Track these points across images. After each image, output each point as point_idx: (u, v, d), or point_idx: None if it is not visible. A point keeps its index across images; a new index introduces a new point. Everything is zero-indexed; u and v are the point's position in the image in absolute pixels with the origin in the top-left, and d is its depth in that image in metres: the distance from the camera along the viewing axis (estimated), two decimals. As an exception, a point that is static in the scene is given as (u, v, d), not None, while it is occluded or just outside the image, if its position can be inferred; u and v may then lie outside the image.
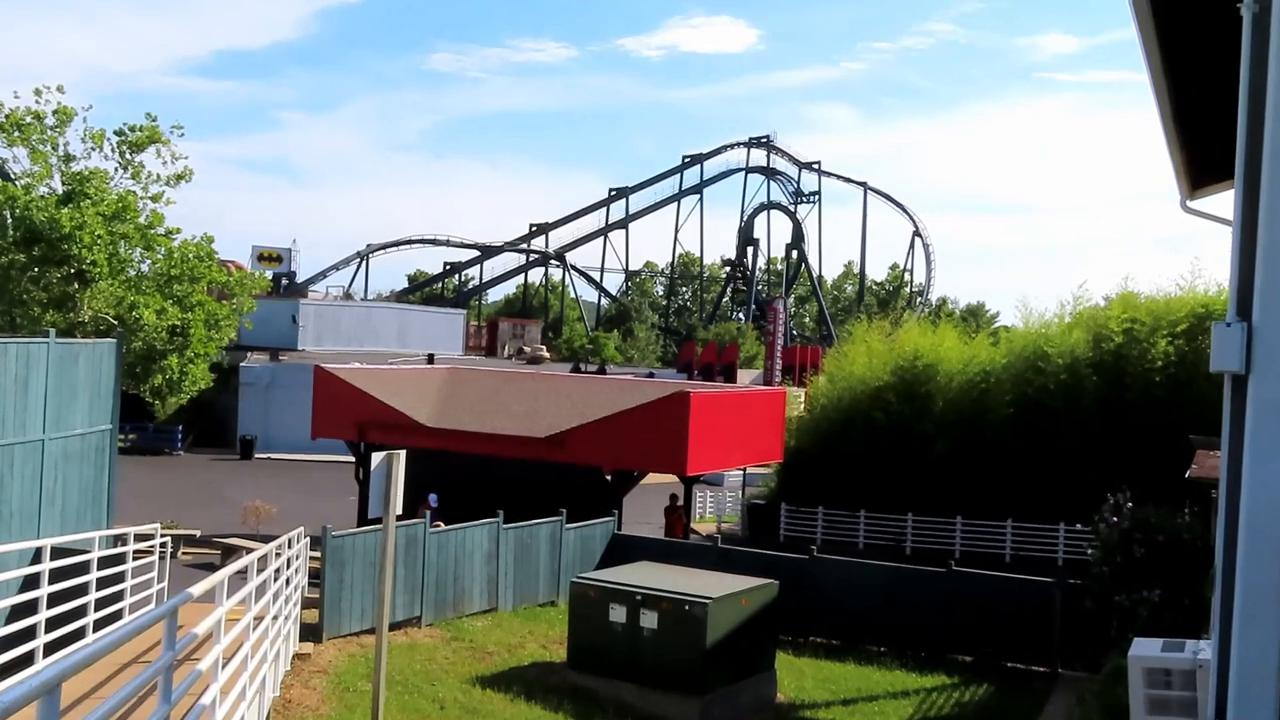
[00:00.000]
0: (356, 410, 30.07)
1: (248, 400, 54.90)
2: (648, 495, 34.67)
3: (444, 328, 76.94)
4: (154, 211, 42.68)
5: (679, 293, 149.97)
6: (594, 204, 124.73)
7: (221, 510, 34.72)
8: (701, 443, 26.58)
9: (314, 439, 32.27)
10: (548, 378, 34.36)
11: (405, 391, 31.36)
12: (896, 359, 37.22)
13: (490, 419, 29.40)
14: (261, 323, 55.57)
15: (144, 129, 42.85)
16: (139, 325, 38.95)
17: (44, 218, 37.58)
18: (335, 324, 67.91)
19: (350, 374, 31.72)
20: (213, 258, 44.52)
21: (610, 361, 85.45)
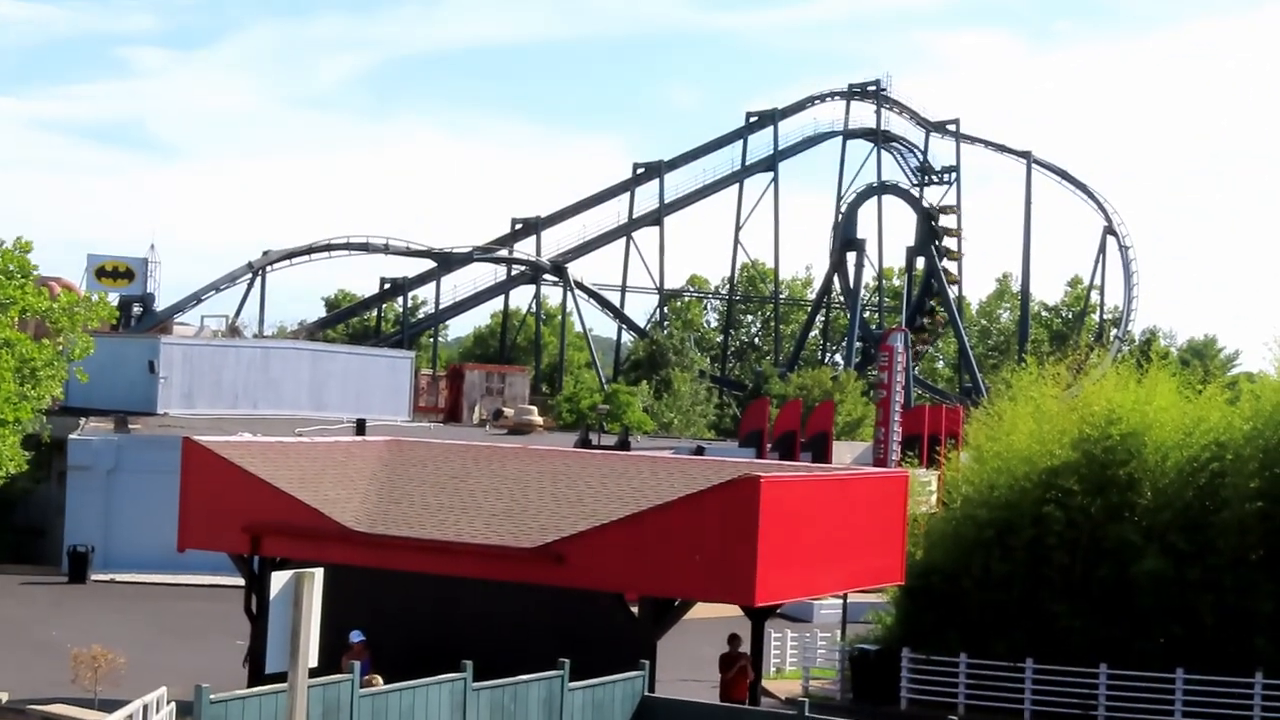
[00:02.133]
0: (247, 507, 30.21)
1: (79, 492, 55.19)
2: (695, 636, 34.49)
3: (382, 378, 77.27)
4: (-62, 205, 43.41)
5: (742, 324, 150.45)
6: (610, 188, 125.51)
7: (41, 662, 34.77)
8: (778, 557, 26.54)
9: (181, 551, 32.43)
10: (540, 456, 34.46)
11: (323, 478, 31.49)
12: (1080, 426, 37.08)
13: (452, 520, 29.48)
14: (103, 372, 55.92)
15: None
16: (-86, 378, 39.44)
17: None
18: (215, 374, 68.34)
19: (238, 451, 31.91)
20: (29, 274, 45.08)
21: (637, 430, 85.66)
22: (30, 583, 50.58)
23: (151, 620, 43.06)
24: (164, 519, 40.18)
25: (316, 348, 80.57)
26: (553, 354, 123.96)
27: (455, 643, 27.36)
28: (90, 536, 52.98)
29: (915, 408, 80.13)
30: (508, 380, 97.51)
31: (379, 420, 66.39)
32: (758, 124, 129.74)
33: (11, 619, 42.90)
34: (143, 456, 54.89)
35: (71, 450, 55.47)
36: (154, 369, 64.71)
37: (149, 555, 50.85)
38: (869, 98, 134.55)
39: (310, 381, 72.72)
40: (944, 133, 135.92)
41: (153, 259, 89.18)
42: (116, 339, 66.56)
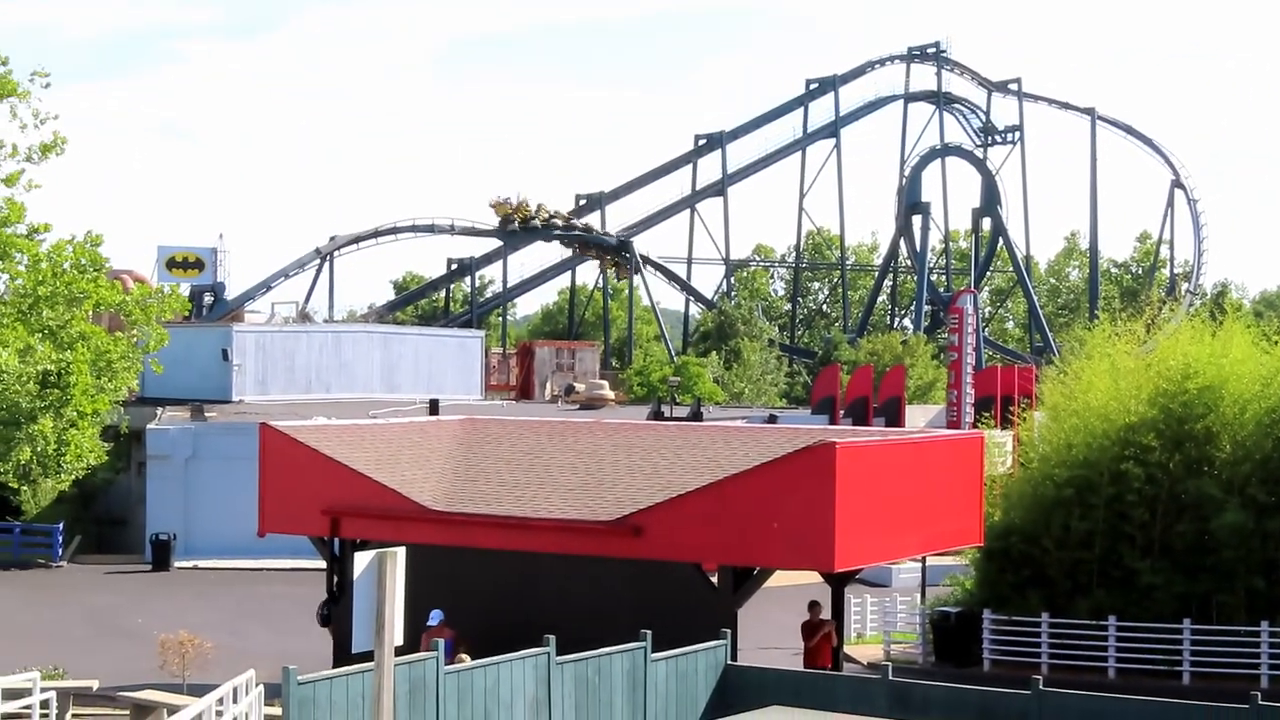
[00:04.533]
0: (326, 490, 30.36)
1: (159, 481, 55.70)
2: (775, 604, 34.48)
3: (452, 358, 77.65)
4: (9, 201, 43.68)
5: (809, 291, 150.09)
6: (673, 160, 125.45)
7: (128, 648, 35.16)
8: (855, 522, 26.45)
9: (262, 536, 32.62)
10: (614, 429, 34.44)
11: (399, 459, 31.62)
12: (1156, 381, 36.85)
13: (529, 496, 29.55)
14: (177, 363, 56.42)
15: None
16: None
17: None
18: (288, 360, 68.84)
19: (315, 435, 32.07)
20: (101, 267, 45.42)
21: (709, 401, 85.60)
22: (115, 572, 51.13)
23: (234, 605, 43.42)
24: (242, 505, 40.51)
25: (387, 330, 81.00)
26: (621, 328, 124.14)
27: (535, 618, 27.42)
28: (171, 524, 53.45)
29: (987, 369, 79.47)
30: (577, 356, 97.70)
31: (451, 400, 66.66)
32: (818, 91, 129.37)
33: (98, 607, 43.39)
34: (220, 444, 55.30)
35: (150, 440, 55.97)
36: (227, 357, 65.23)
37: (229, 541, 51.21)
38: (929, 60, 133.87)
39: (382, 364, 73.14)
40: (1006, 92, 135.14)
41: (221, 248, 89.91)
42: (189, 329, 67.09)
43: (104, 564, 52.89)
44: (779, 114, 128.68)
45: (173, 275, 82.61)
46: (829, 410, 68.98)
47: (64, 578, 49.83)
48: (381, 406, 62.88)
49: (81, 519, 55.23)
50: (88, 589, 47.19)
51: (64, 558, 52.50)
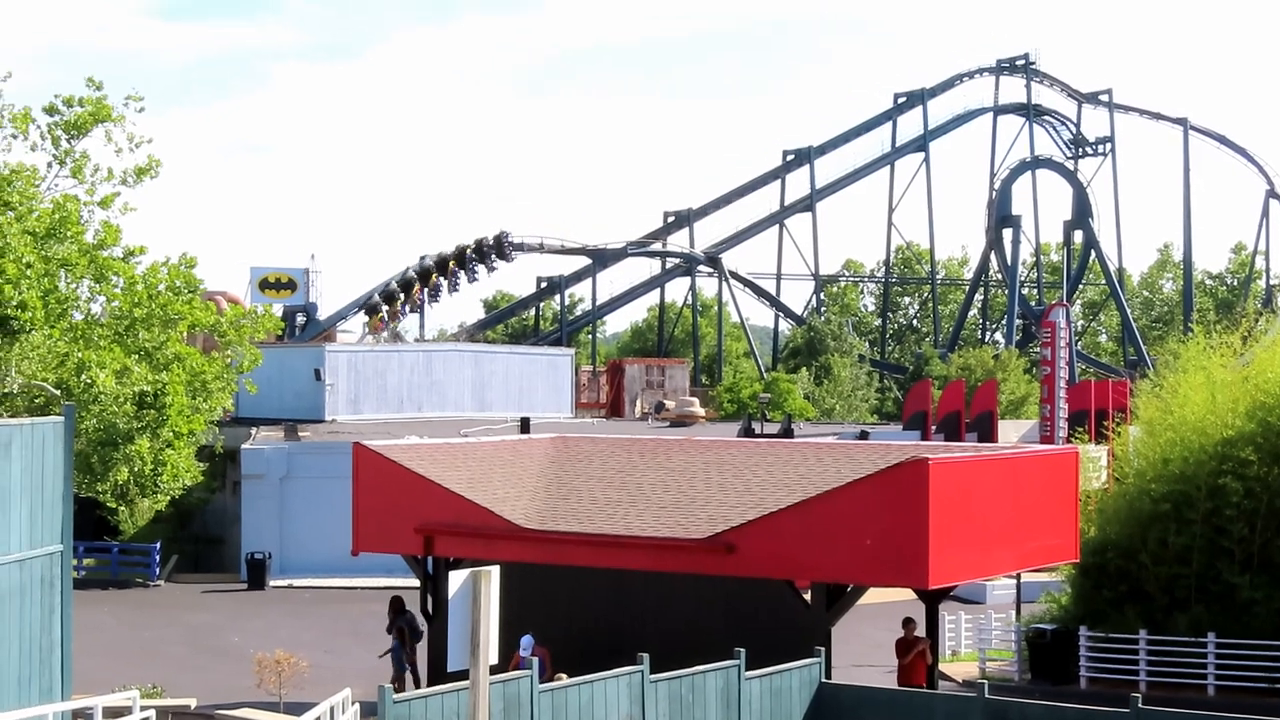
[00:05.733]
0: (419, 509, 30.50)
1: (254, 501, 56.16)
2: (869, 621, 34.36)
3: (543, 376, 77.85)
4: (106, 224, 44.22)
5: (899, 306, 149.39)
6: (761, 176, 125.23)
7: (225, 667, 35.46)
8: (949, 539, 26.29)
9: (356, 555, 32.81)
10: (705, 447, 34.41)
11: (491, 477, 31.73)
12: (1254, 394, 36.43)
13: (621, 514, 29.55)
14: (270, 383, 56.95)
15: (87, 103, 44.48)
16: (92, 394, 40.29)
17: (-58, 242, 39.22)
18: (379, 379, 69.24)
19: (408, 454, 32.23)
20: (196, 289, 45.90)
21: (799, 417, 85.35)
22: (211, 591, 51.60)
23: (329, 623, 43.68)
24: (336, 524, 40.84)
25: (478, 349, 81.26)
26: (710, 345, 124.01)
27: (628, 636, 27.46)
28: (266, 543, 53.86)
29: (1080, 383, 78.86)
30: (667, 373, 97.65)
31: (542, 418, 66.80)
32: (906, 105, 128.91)
33: (195, 626, 43.79)
34: (313, 463, 55.65)
35: (245, 460, 56.44)
36: (320, 377, 65.67)
37: (323, 560, 51.58)
38: (1018, 72, 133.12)
39: (473, 382, 73.41)
40: (1096, 103, 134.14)
41: (313, 269, 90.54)
42: (282, 349, 67.65)
43: (200, 583, 53.41)
44: (867, 128, 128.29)
45: (265, 296, 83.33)
46: (921, 426, 68.63)
47: (161, 597, 50.33)
48: (472, 425, 63.13)
49: (178, 538, 55.78)
50: (185, 608, 47.64)
51: (161, 577, 53.05)
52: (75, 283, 43.34)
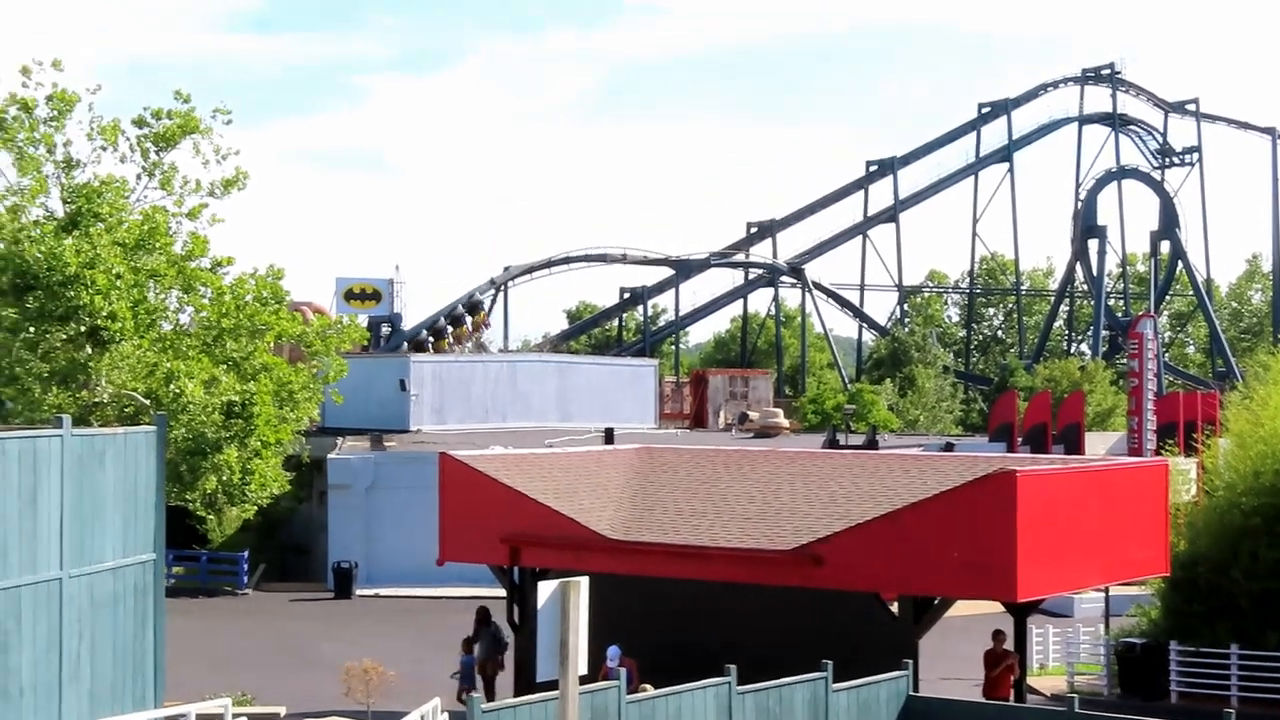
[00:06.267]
0: (505, 519, 30.58)
1: (340, 510, 56.48)
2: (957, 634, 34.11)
3: (626, 387, 77.92)
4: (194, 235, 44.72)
5: (983, 317, 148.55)
6: (844, 187, 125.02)
7: (313, 675, 35.67)
8: (1037, 551, 26.09)
9: (441, 564, 32.92)
10: (790, 458, 34.34)
11: (577, 488, 31.77)
12: (1346, 406, 36.05)
13: (706, 525, 29.52)
14: (356, 393, 57.32)
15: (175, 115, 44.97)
16: (180, 404, 40.72)
17: (40, 253, 39.76)
18: (464, 389, 69.51)
19: (493, 464, 32.33)
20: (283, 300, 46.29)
21: (883, 428, 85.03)
22: (299, 599, 51.94)
23: (415, 633, 43.83)
24: (421, 533, 41.00)
25: (562, 359, 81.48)
26: (794, 356, 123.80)
27: (713, 647, 27.41)
28: (352, 553, 54.16)
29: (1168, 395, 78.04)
30: (750, 384, 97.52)
31: (626, 428, 66.84)
32: (990, 115, 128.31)
33: (283, 635, 44.08)
34: (399, 473, 55.92)
35: (331, 469, 56.77)
36: (405, 387, 66.02)
37: (408, 569, 51.73)
38: (1103, 82, 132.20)
39: (557, 393, 73.57)
40: (1183, 113, 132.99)
41: (398, 279, 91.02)
42: (368, 359, 68.06)
43: (288, 591, 53.76)
44: (951, 138, 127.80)
45: (351, 306, 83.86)
46: (1006, 437, 68.16)
47: (250, 605, 50.72)
48: (557, 435, 63.23)
49: (265, 547, 56.16)
50: (273, 616, 47.97)
51: (249, 585, 53.46)
52: (164, 293, 43.87)
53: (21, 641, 18.01)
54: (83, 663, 19.09)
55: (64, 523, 18.79)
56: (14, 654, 17.89)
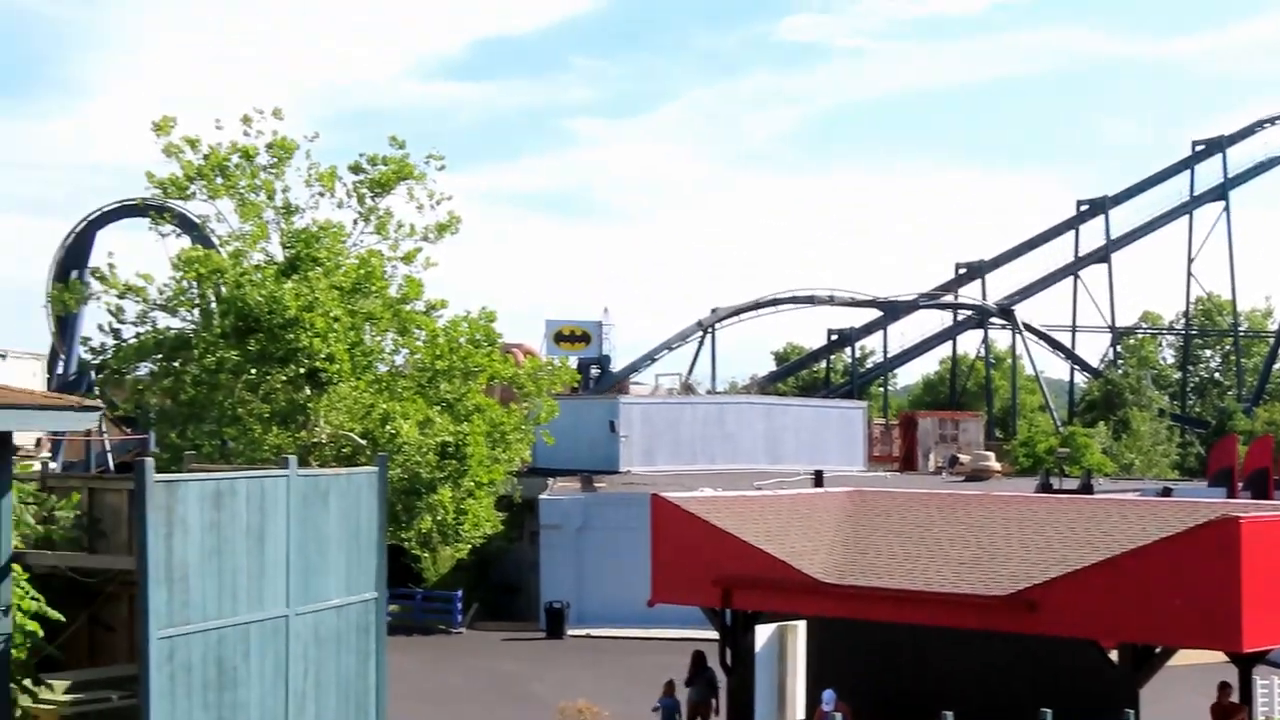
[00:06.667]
0: (716, 561, 30.57)
1: (552, 551, 56.99)
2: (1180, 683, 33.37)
3: (835, 429, 77.57)
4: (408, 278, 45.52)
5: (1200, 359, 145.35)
6: (1054, 227, 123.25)
7: (527, 714, 36.10)
8: (1263, 600, 25.42)
9: (652, 605, 33.03)
10: (1003, 502, 33.93)
11: (788, 530, 31.71)
12: None
13: (919, 569, 29.28)
14: (566, 434, 57.72)
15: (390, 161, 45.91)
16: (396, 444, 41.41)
17: (261, 296, 40.76)
18: (672, 431, 69.72)
19: (704, 506, 32.38)
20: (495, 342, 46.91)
21: (1098, 473, 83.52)
22: (511, 638, 52.49)
23: (626, 674, 44.01)
24: (632, 574, 41.15)
25: (770, 401, 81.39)
26: (1004, 398, 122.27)
27: (926, 693, 27.19)
28: (563, 592, 54.60)
29: (1397, 439, 75.56)
30: (961, 426, 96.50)
31: (835, 471, 66.50)
32: (1204, 152, 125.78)
33: (497, 674, 44.56)
34: (609, 514, 56.25)
35: (543, 510, 57.31)
36: (614, 428, 66.38)
37: (619, 610, 51.98)
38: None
39: (765, 435, 73.46)
40: None
41: (606, 321, 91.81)
42: (578, 401, 68.59)
43: (500, 630, 54.35)
44: (1164, 177, 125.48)
45: (560, 348, 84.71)
46: (1226, 482, 66.56)
47: (463, 643, 51.37)
48: (765, 478, 63.14)
49: (478, 586, 56.84)
50: (486, 654, 48.53)
51: (463, 624, 54.15)
52: (380, 336, 44.67)
53: (250, 676, 18.50)
54: (308, 699, 19.53)
55: (290, 561, 19.26)
56: (243, 689, 18.37)
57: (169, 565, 17.34)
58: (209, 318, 42.57)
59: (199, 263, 42.36)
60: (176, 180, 44.03)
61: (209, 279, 42.62)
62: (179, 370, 43.58)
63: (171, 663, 17.36)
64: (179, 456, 37.93)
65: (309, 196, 45.42)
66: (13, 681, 18.09)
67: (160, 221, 46.84)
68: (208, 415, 42.32)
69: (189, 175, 43.85)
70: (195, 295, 43.46)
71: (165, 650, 17.29)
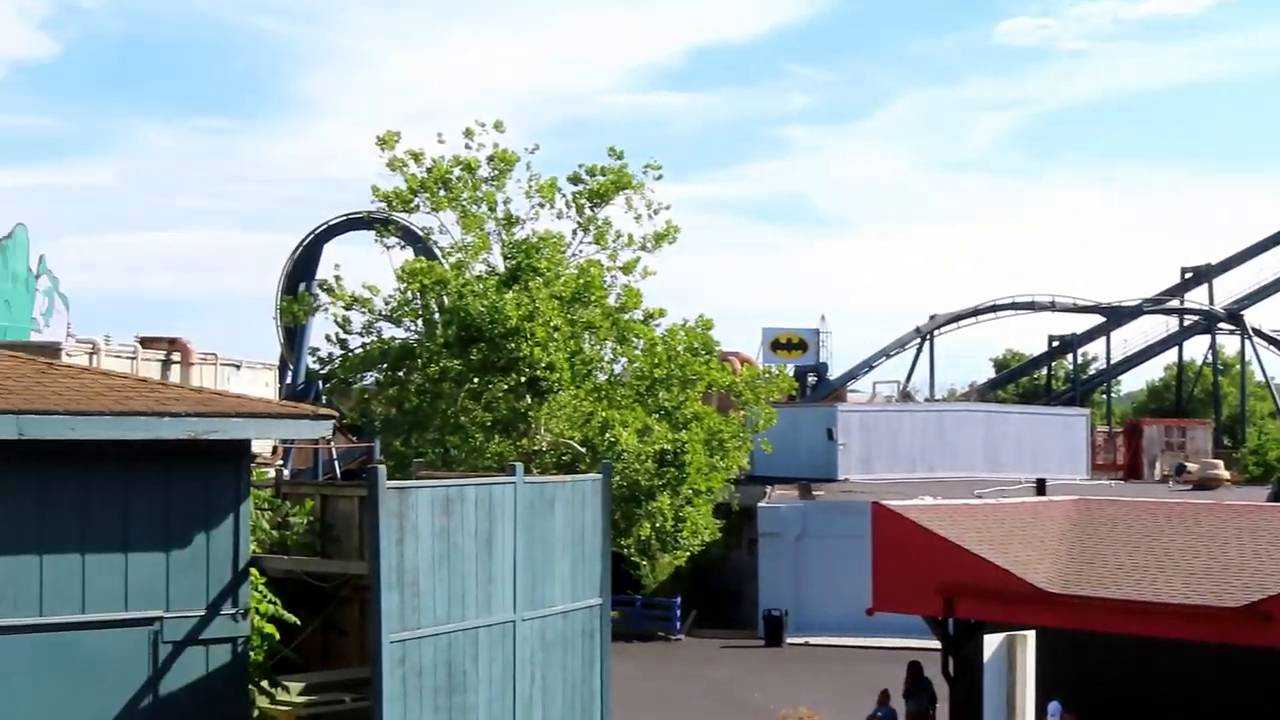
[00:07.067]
0: (938, 570, 30.30)
1: (770, 558, 56.94)
2: None
3: (1056, 437, 76.46)
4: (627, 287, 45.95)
5: None
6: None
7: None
8: None
9: (872, 614, 32.87)
10: (1235, 511, 33.14)
11: (1011, 539, 31.33)
12: None
13: (1148, 580, 28.74)
14: (783, 441, 57.80)
15: (608, 172, 46.41)
16: (615, 452, 41.80)
17: (483, 306, 41.44)
18: (890, 439, 69.30)
19: (926, 514, 32.14)
20: (712, 350, 47.13)
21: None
22: (730, 646, 52.57)
23: (845, 682, 43.78)
24: (850, 582, 41.03)
25: (990, 409, 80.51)
26: (1232, 405, 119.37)
27: (1154, 705, 26.70)
28: (781, 600, 54.54)
29: None
30: (1188, 434, 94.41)
31: (1056, 479, 65.51)
32: None
33: (716, 681, 44.68)
34: (828, 522, 56.05)
35: (761, 518, 57.32)
36: (832, 436, 66.21)
37: (837, 618, 51.76)
38: None
39: (985, 443, 72.66)
40: None
41: (823, 329, 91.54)
42: (795, 408, 68.53)
43: (718, 638, 54.45)
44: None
45: (777, 356, 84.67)
46: None
47: (682, 650, 51.58)
48: (985, 486, 62.45)
49: (696, 593, 57.03)
50: (705, 662, 48.66)
51: (682, 631, 54.36)
52: (599, 344, 45.20)
53: (478, 680, 18.82)
54: (534, 704, 19.81)
55: (517, 567, 19.57)
56: (471, 693, 18.70)
57: (400, 570, 17.72)
58: (432, 328, 43.43)
59: (422, 274, 43.26)
60: (401, 193, 45.06)
61: (432, 290, 43.49)
62: (403, 379, 44.59)
63: (403, 666, 17.73)
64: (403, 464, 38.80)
65: (529, 207, 46.20)
66: (251, 682, 18.62)
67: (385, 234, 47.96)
68: (431, 423, 43.19)
69: (413, 188, 44.85)
70: (419, 306, 44.41)
71: (397, 654, 17.66)
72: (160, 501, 17.19)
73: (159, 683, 17.05)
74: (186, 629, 17.29)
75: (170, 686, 17.12)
